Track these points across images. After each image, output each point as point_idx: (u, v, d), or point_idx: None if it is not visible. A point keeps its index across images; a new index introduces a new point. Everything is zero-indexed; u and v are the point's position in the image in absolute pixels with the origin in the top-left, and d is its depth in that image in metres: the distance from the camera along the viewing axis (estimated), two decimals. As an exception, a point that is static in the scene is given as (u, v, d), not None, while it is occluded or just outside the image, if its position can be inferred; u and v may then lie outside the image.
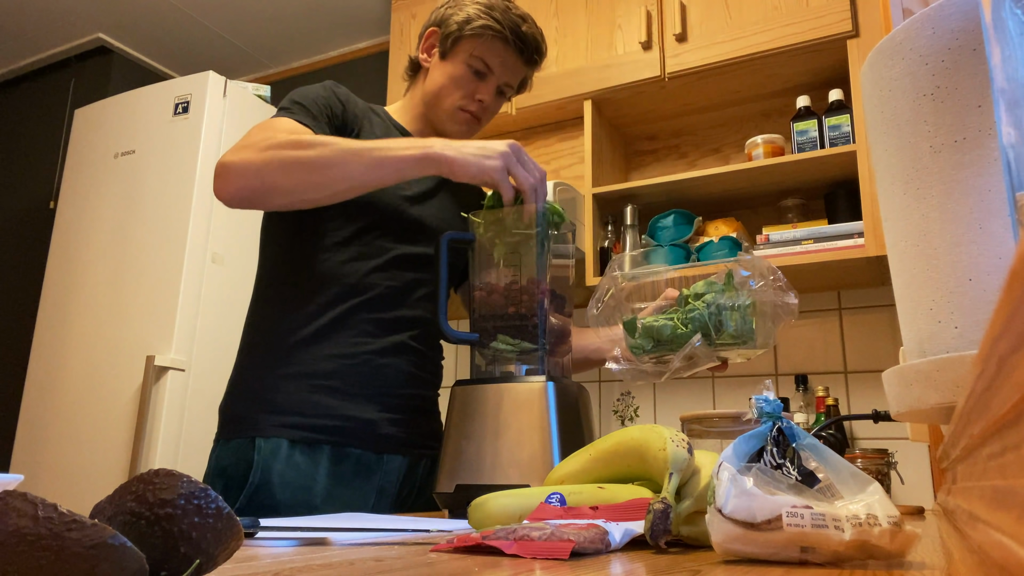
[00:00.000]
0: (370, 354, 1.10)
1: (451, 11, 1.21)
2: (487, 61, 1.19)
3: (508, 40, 1.18)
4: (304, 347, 1.08)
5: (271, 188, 1.01)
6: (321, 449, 1.05)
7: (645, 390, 2.19)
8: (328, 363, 1.08)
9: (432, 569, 0.43)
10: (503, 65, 1.20)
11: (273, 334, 1.10)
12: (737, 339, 0.92)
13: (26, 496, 0.25)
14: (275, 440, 1.03)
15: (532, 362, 1.02)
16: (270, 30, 3.10)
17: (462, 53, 1.19)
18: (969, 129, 0.48)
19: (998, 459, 0.25)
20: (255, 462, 1.02)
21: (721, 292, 0.94)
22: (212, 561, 0.31)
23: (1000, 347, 0.21)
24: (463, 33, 1.18)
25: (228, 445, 1.06)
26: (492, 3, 1.20)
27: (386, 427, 1.11)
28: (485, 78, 1.20)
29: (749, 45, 1.85)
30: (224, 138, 2.39)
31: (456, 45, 1.19)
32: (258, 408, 1.06)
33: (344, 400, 1.07)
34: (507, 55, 1.20)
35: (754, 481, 0.45)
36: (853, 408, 1.91)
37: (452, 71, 1.19)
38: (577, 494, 0.64)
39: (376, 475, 1.09)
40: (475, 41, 1.18)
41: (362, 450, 1.08)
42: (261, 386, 1.08)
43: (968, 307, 0.47)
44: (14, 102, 3.50)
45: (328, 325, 1.09)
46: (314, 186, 1.01)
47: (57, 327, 2.46)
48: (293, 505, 1.01)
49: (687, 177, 1.90)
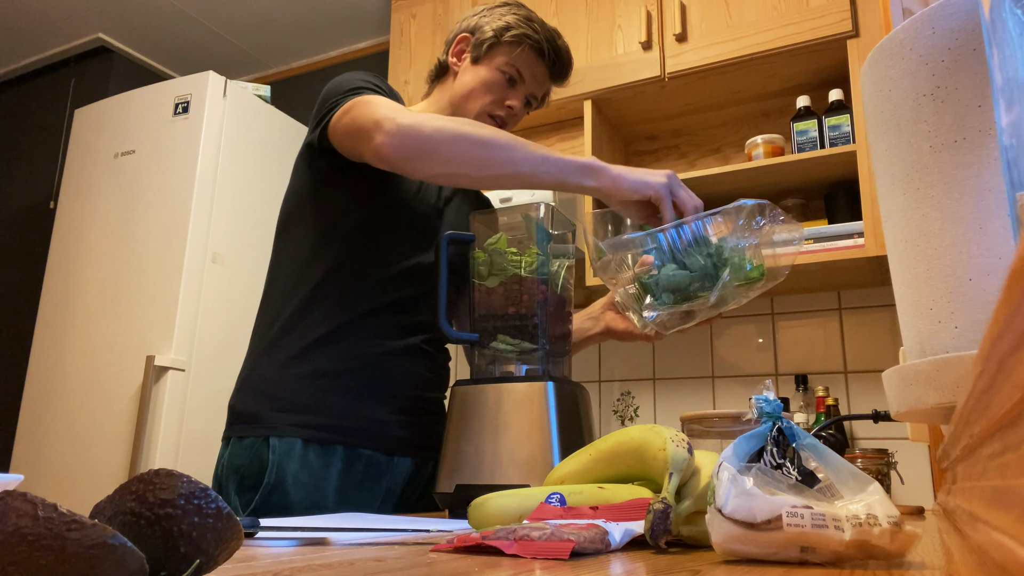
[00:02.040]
0: (384, 356, 1.10)
1: (486, 19, 1.23)
2: (521, 70, 1.21)
3: (544, 52, 1.21)
4: (320, 346, 1.08)
5: (432, 154, 0.99)
6: (334, 450, 1.05)
7: (645, 390, 2.19)
8: (342, 363, 1.08)
9: (432, 569, 0.43)
10: (534, 76, 1.23)
11: (289, 331, 1.09)
12: (753, 277, 0.98)
13: (26, 496, 0.25)
14: (289, 440, 1.03)
15: (532, 362, 1.02)
16: (270, 30, 3.10)
17: (496, 59, 1.20)
18: (969, 129, 0.48)
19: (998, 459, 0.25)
20: (270, 462, 1.01)
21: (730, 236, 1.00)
22: (212, 561, 0.31)
23: (1000, 347, 0.21)
24: (500, 40, 1.20)
25: (241, 443, 1.05)
26: (530, 15, 1.23)
27: (397, 429, 1.10)
28: (516, 86, 1.22)
29: (749, 45, 1.85)
30: (224, 138, 2.40)
31: (491, 51, 1.21)
32: (271, 406, 1.05)
33: (356, 401, 1.07)
34: (539, 67, 1.22)
35: (754, 481, 0.45)
36: (853, 408, 1.91)
37: (485, 76, 1.21)
38: (577, 494, 0.64)
39: (385, 477, 1.09)
40: (511, 49, 1.20)
41: (373, 451, 1.08)
42: (275, 383, 1.07)
43: (968, 307, 0.47)
44: (14, 102, 3.50)
45: (346, 325, 1.09)
46: (477, 163, 1.00)
47: (57, 327, 2.46)
48: (306, 506, 1.01)
49: (687, 177, 1.90)
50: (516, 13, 1.22)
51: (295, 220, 1.16)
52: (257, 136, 2.52)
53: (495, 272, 1.05)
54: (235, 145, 2.43)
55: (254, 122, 2.52)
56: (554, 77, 1.25)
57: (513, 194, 1.95)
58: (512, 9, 1.23)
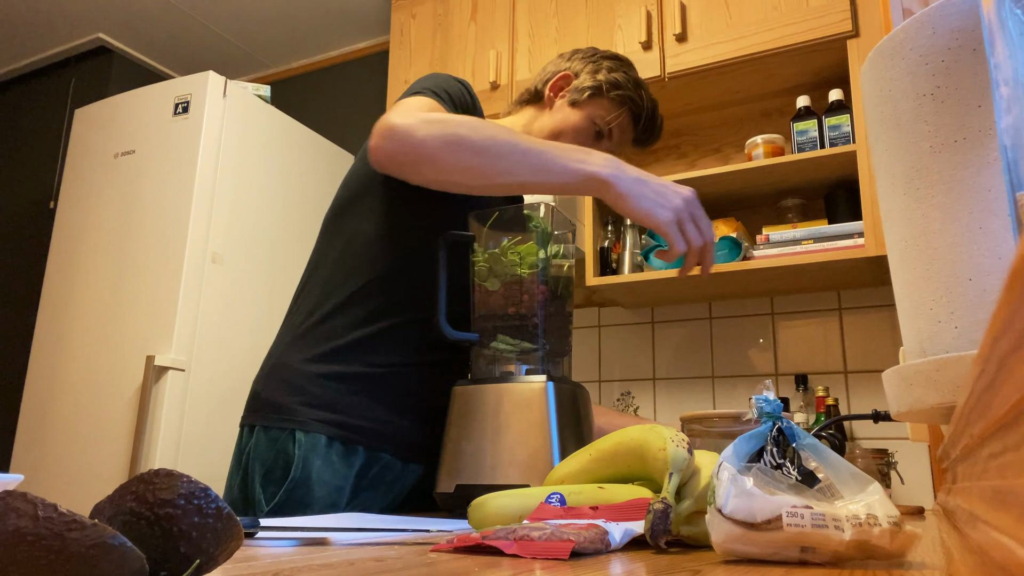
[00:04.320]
0: (412, 367, 1.09)
1: (593, 66, 1.23)
2: (613, 129, 1.21)
3: (640, 121, 1.22)
4: (353, 349, 1.06)
5: (428, 159, 0.95)
6: (356, 450, 1.04)
7: (645, 390, 2.19)
8: (372, 368, 1.06)
9: (432, 569, 0.43)
10: (622, 137, 1.23)
11: (326, 326, 1.07)
12: None
13: (26, 496, 0.25)
14: (314, 435, 1.01)
15: (532, 362, 1.02)
16: (270, 30, 3.10)
17: (594, 109, 1.20)
18: (969, 129, 0.48)
19: (998, 459, 0.25)
20: (296, 456, 1.00)
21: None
22: (212, 561, 0.31)
23: (1000, 347, 0.21)
24: (605, 94, 1.20)
25: (267, 434, 1.03)
26: (639, 81, 1.23)
27: (414, 436, 1.09)
28: (601, 140, 1.22)
29: (749, 45, 1.85)
30: (224, 138, 2.40)
31: (592, 100, 1.20)
32: (298, 399, 1.03)
33: (380, 406, 1.06)
34: (630, 131, 1.23)
35: (754, 481, 0.45)
36: (853, 408, 1.91)
37: (577, 122, 1.20)
38: (577, 494, 0.64)
39: (398, 482, 1.09)
40: (612, 106, 1.20)
41: (391, 456, 1.07)
42: (303, 376, 1.05)
43: (968, 307, 0.47)
44: (14, 102, 3.50)
45: (382, 332, 1.07)
46: (472, 171, 0.96)
47: (57, 327, 2.46)
48: (325, 504, 1.00)
49: (687, 177, 1.90)
50: (627, 74, 1.22)
51: (355, 208, 1.11)
52: (257, 136, 2.52)
53: (496, 274, 1.04)
54: (235, 145, 2.43)
55: (254, 122, 2.52)
56: (637, 144, 1.26)
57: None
58: (623, 67, 1.24)
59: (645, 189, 0.95)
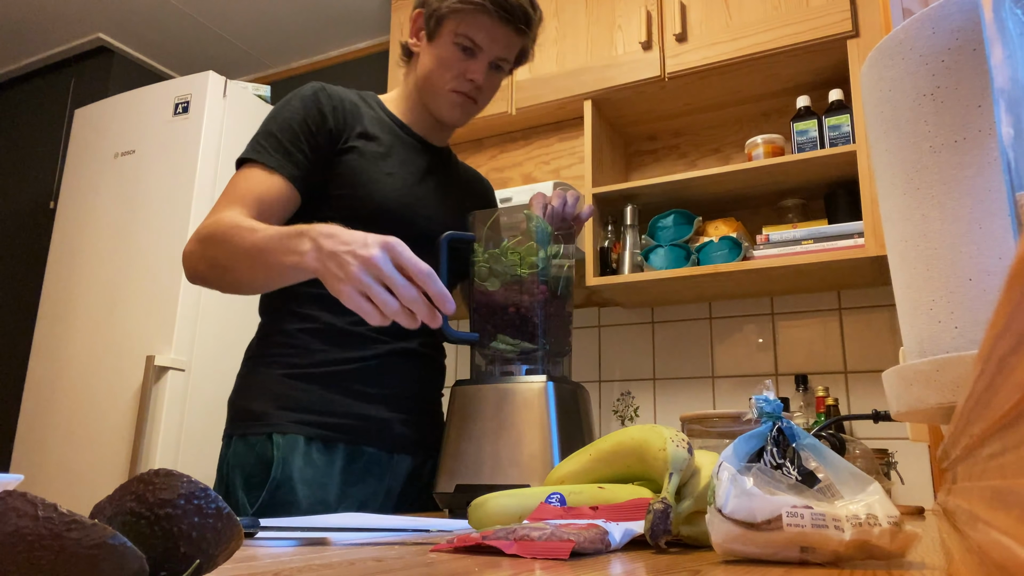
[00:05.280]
0: (382, 356, 1.11)
1: None
2: (472, 37, 1.11)
3: (491, 12, 1.10)
4: (321, 347, 1.08)
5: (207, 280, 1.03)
6: (336, 447, 1.05)
7: (645, 390, 2.19)
8: (343, 363, 1.08)
9: (432, 569, 0.43)
10: (491, 39, 1.12)
11: (292, 331, 1.10)
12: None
13: (26, 496, 0.25)
14: (292, 437, 1.03)
15: (532, 362, 1.02)
16: (270, 30, 3.10)
17: (447, 32, 1.12)
18: (969, 129, 0.48)
19: (998, 459, 0.25)
20: (275, 458, 1.01)
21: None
22: (212, 561, 0.31)
23: (1000, 347, 0.21)
24: (444, 11, 1.12)
25: (245, 441, 1.05)
26: None
27: (398, 427, 1.11)
28: (475, 55, 1.13)
29: (749, 45, 1.85)
30: (224, 138, 2.40)
31: (440, 25, 1.13)
32: (273, 404, 1.06)
33: (357, 399, 1.08)
34: (494, 28, 1.12)
35: (754, 481, 0.45)
36: (853, 408, 1.91)
37: (439, 52, 1.13)
38: (577, 494, 0.64)
39: (387, 475, 1.10)
40: (458, 18, 1.11)
41: (375, 449, 1.08)
42: (276, 382, 1.07)
43: (968, 307, 0.47)
44: (14, 102, 3.50)
45: (347, 327, 1.09)
46: (231, 284, 1.02)
47: (57, 327, 2.46)
48: (312, 503, 1.01)
49: (687, 177, 1.90)
50: None
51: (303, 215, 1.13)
52: (257, 136, 2.51)
53: (496, 274, 1.04)
54: (235, 145, 2.43)
55: (254, 122, 2.50)
56: (517, 33, 1.14)
57: (513, 193, 1.95)
58: None
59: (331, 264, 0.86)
